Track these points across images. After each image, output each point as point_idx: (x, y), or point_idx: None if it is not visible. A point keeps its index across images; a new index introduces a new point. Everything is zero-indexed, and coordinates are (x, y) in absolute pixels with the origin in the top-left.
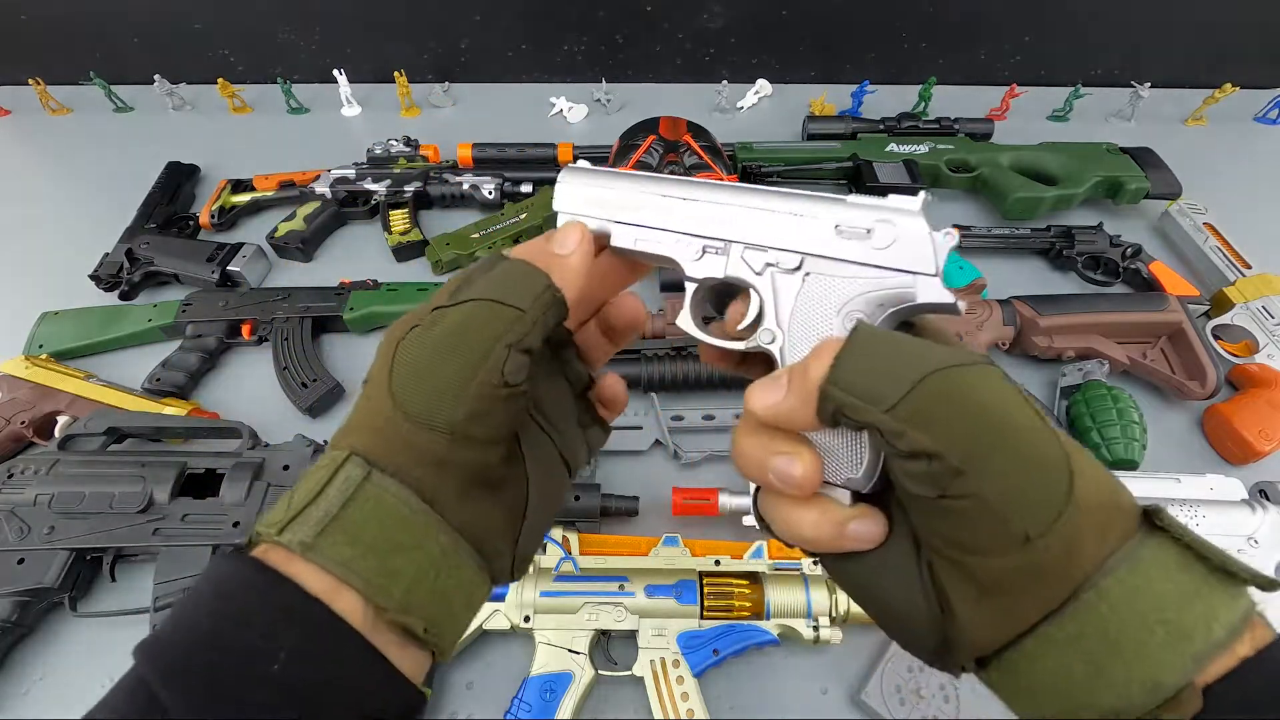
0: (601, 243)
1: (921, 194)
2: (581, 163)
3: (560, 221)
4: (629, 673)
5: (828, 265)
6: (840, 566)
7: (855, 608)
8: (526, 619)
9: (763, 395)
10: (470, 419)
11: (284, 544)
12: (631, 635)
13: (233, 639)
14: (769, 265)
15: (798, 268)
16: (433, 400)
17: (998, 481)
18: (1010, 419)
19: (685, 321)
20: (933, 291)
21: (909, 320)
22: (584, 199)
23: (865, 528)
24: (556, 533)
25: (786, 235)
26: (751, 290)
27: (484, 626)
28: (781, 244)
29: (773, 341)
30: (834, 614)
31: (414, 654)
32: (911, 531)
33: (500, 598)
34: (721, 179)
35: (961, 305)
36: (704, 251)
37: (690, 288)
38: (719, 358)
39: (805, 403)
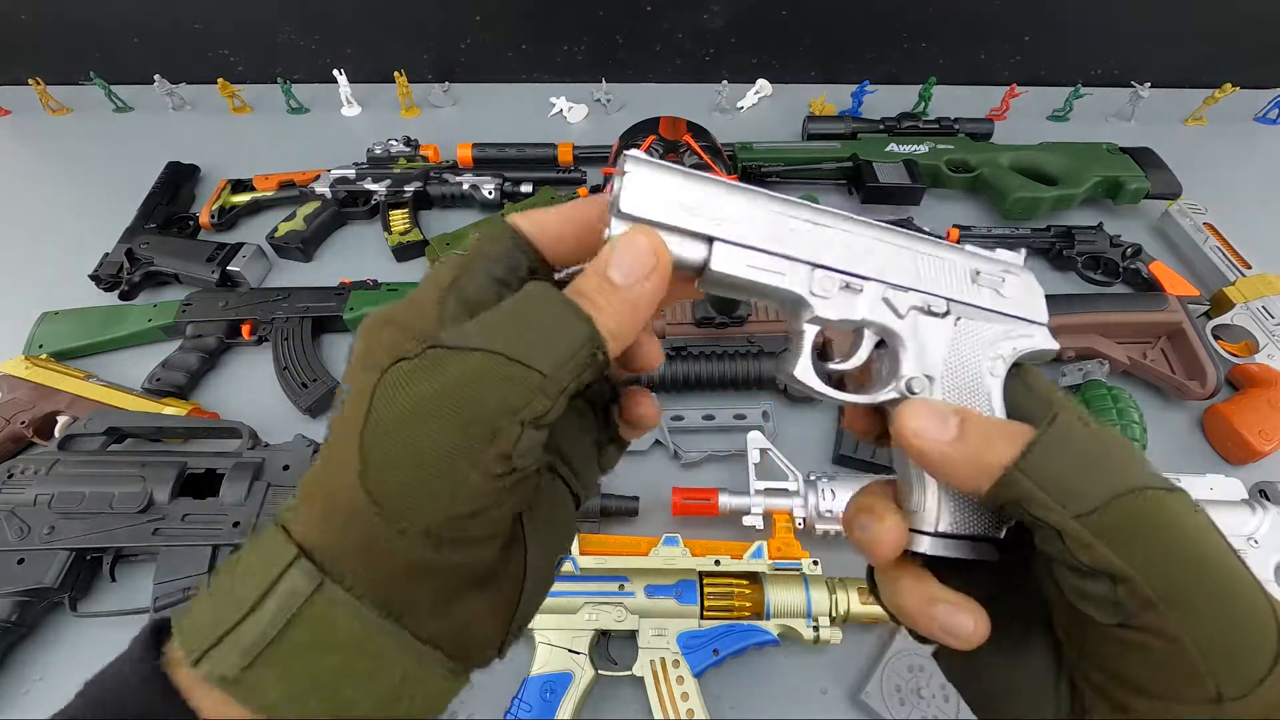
0: (685, 266)
1: (1023, 250)
2: (637, 153)
3: (618, 229)
4: (629, 673)
5: (973, 312)
6: (962, 673)
7: (855, 607)
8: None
9: (927, 425)
10: (456, 518)
11: (203, 675)
12: (631, 635)
13: None
14: (914, 308)
15: (946, 313)
16: (417, 493)
17: (1198, 626)
18: (1218, 558)
19: (808, 375)
20: (1045, 339)
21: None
22: (666, 201)
23: (956, 616)
24: None
25: (932, 278)
26: (866, 333)
27: None
28: (930, 287)
29: (922, 391)
30: (834, 614)
31: None
32: (1052, 652)
33: None
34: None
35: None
36: (839, 288)
37: (811, 331)
38: (863, 417)
39: (974, 468)
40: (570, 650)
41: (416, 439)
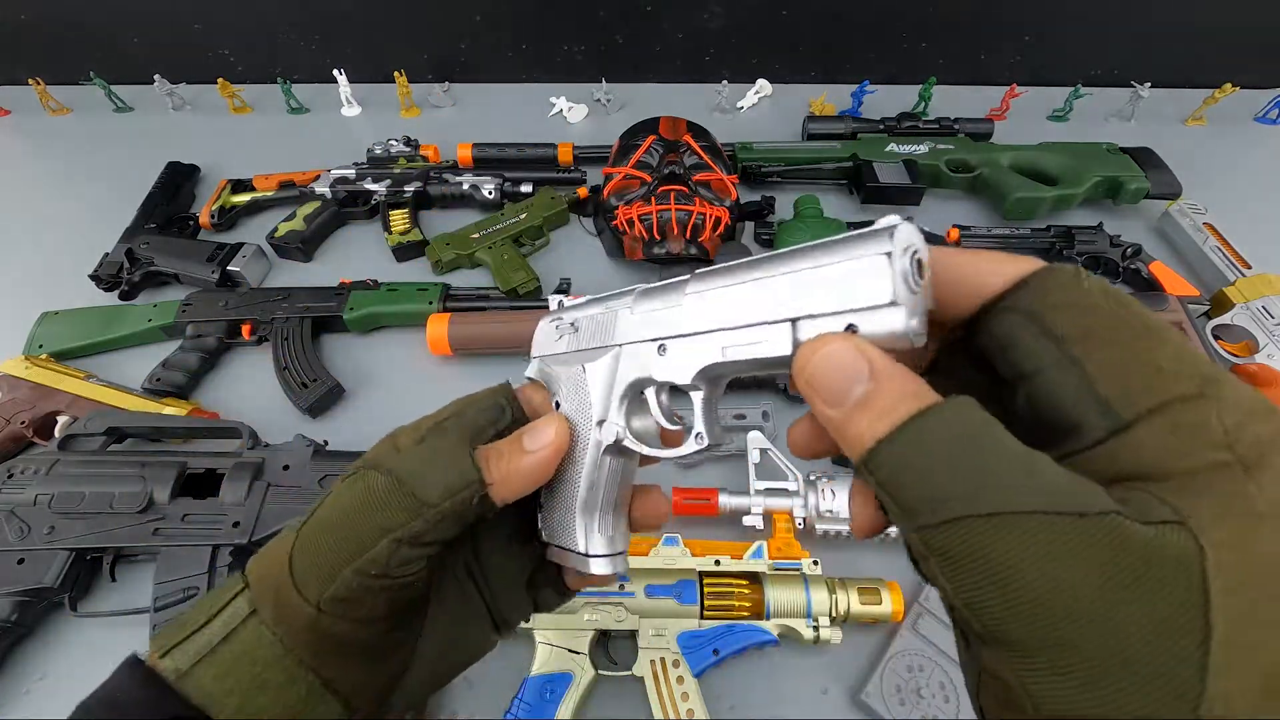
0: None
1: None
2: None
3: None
4: (629, 673)
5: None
6: None
7: (855, 607)
8: (526, 619)
9: (829, 381)
10: (335, 602)
11: (161, 667)
12: (631, 635)
13: None
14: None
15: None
16: (310, 571)
17: (1043, 687)
18: (1107, 624)
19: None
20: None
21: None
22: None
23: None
24: None
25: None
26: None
27: None
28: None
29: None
30: (834, 614)
31: None
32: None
33: None
34: (722, 179)
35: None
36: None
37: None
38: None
39: (849, 442)
40: (570, 650)
41: (319, 536)
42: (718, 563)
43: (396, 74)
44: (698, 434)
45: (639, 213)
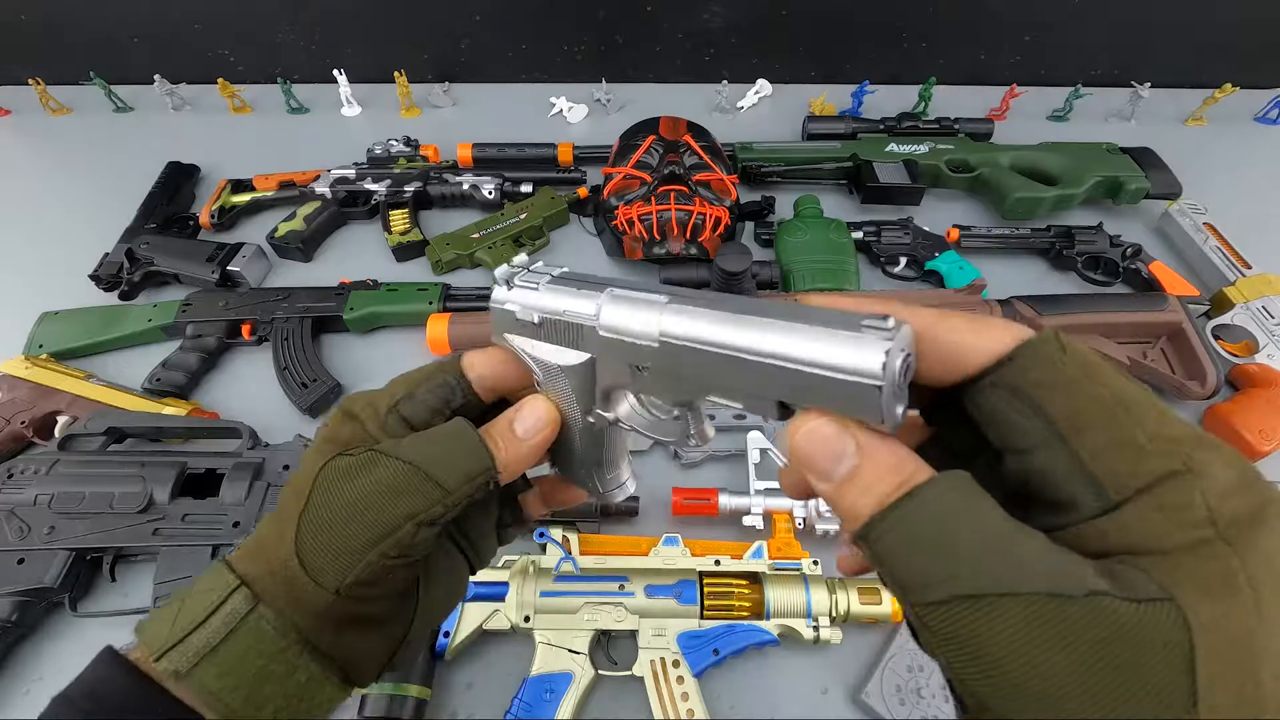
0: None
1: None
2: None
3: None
4: (629, 673)
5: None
6: None
7: (855, 607)
8: (526, 619)
9: (818, 456)
10: (358, 585)
11: (159, 670)
12: (631, 635)
13: None
14: None
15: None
16: (328, 559)
17: None
18: (1097, 706)
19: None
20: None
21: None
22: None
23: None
24: (556, 533)
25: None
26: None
27: (484, 626)
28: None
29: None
30: (834, 614)
31: None
32: None
33: (500, 597)
34: (722, 179)
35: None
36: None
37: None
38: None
39: (848, 518)
40: (570, 650)
41: (338, 525)
42: (718, 563)
43: (396, 74)
44: (691, 435)
45: (639, 213)
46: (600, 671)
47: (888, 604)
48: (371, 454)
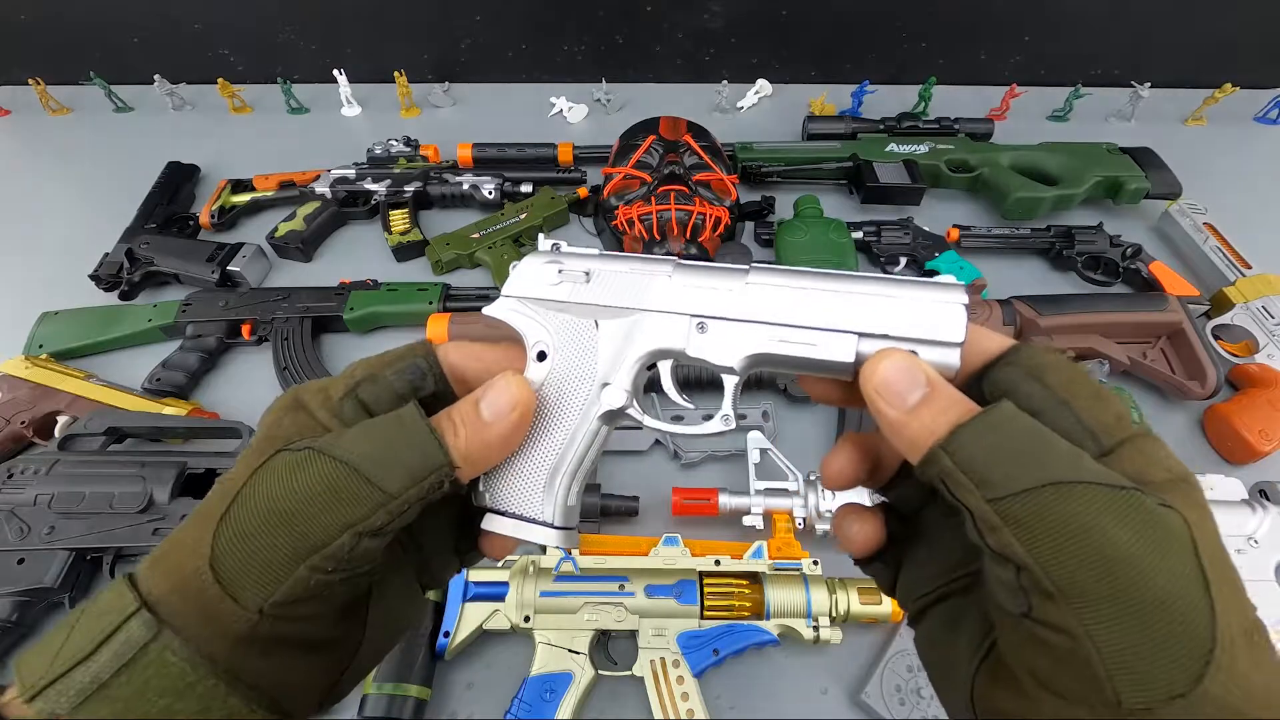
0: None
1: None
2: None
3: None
4: (629, 673)
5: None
6: (920, 644)
7: (855, 607)
8: (526, 619)
9: (894, 383)
10: (285, 604)
11: (35, 712)
12: (631, 635)
13: None
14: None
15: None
16: (249, 572)
17: (1099, 625)
18: (1135, 561)
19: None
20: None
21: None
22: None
23: (846, 525)
24: None
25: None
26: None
27: (484, 626)
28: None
29: None
30: (834, 614)
31: None
32: (980, 633)
33: (500, 597)
34: (722, 179)
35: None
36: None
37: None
38: (819, 383)
39: (913, 441)
40: (570, 650)
41: (261, 536)
42: (718, 563)
43: (396, 74)
44: (725, 415)
45: (639, 213)
46: (600, 671)
47: (887, 604)
48: (309, 451)
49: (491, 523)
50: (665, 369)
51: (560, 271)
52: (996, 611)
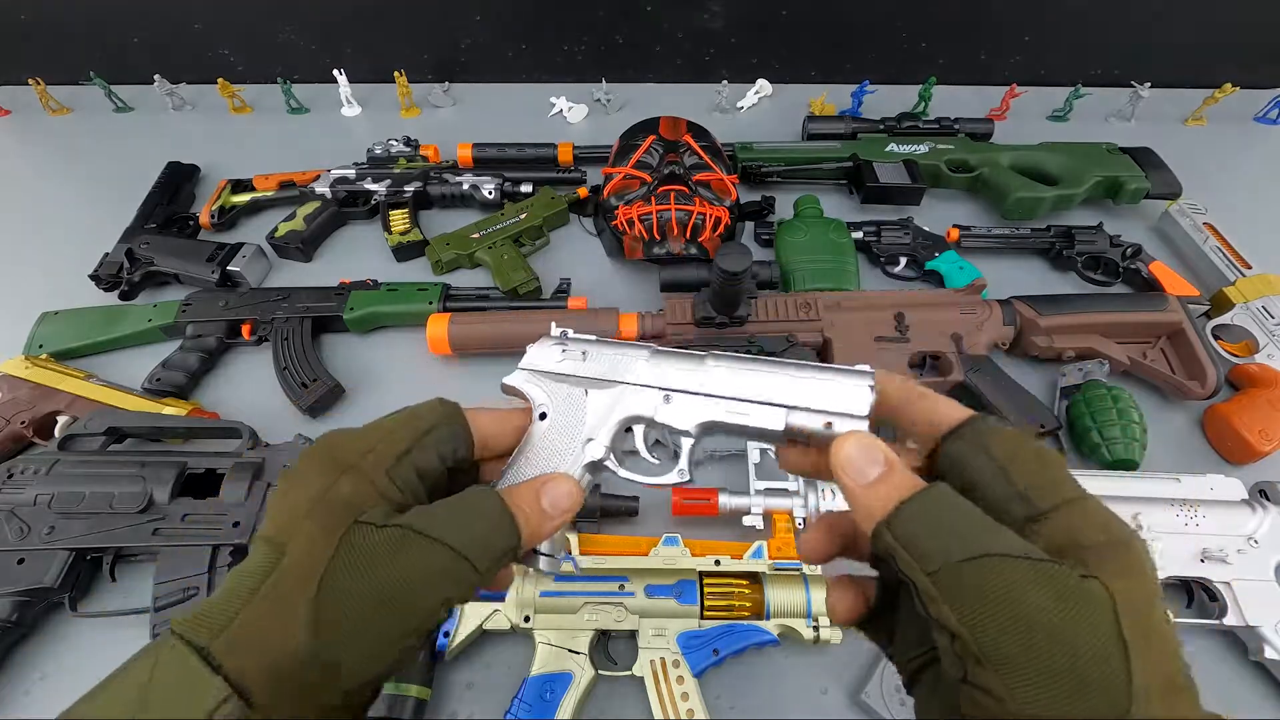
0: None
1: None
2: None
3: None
4: (629, 673)
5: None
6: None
7: None
8: (526, 619)
9: (855, 461)
10: (381, 678)
11: None
12: (632, 635)
13: None
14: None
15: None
16: (352, 651)
17: (1027, 693)
18: (1054, 626)
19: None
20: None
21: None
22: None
23: (834, 601)
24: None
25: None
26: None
27: (484, 627)
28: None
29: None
30: None
31: None
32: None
33: (500, 597)
34: (722, 179)
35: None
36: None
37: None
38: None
39: (866, 515)
40: (570, 650)
41: (366, 615)
42: (718, 563)
43: (396, 74)
44: (681, 470)
45: (639, 213)
46: (600, 672)
47: None
48: (404, 531)
49: None
50: (639, 433)
51: (564, 351)
52: (946, 678)
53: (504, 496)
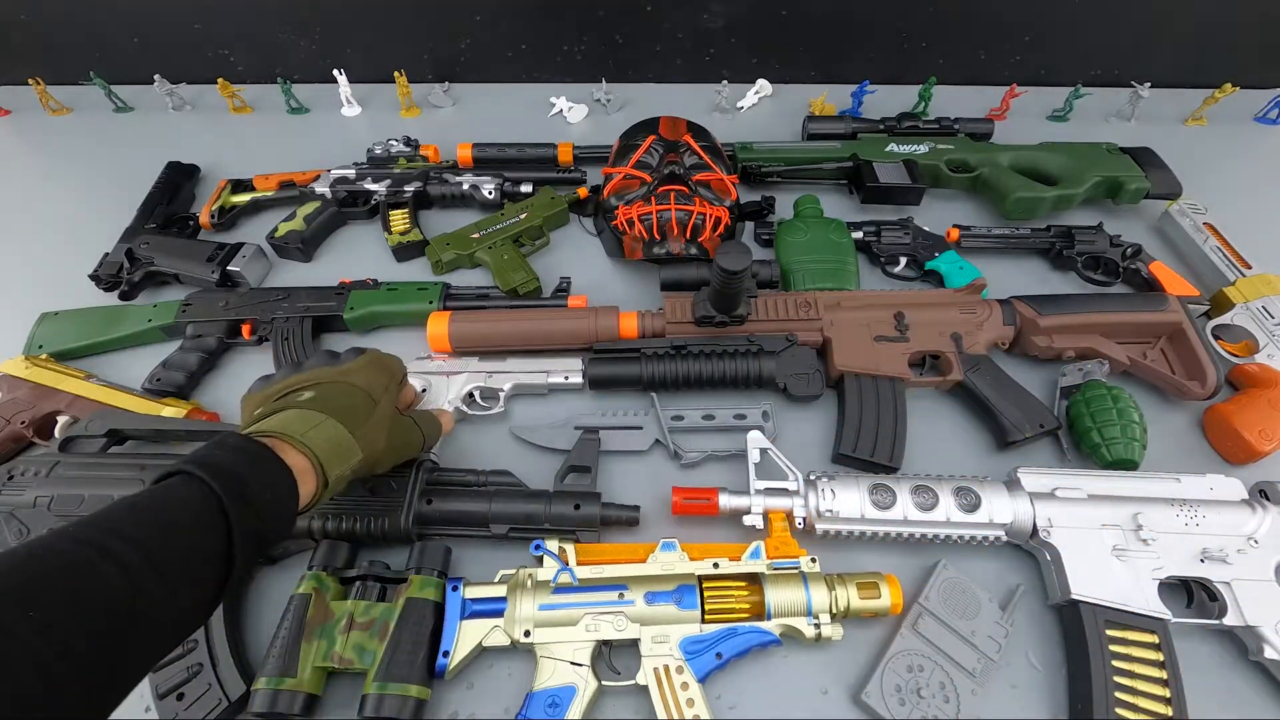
0: None
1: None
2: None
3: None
4: (633, 682)
5: None
6: None
7: (855, 602)
8: (526, 634)
9: None
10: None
11: (290, 438)
12: (633, 644)
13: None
14: None
15: None
16: (386, 463)
17: None
18: None
19: None
20: None
21: None
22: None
23: None
24: (553, 545)
25: None
26: None
27: (483, 644)
28: None
29: None
30: (834, 610)
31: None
32: None
33: (498, 614)
34: (722, 179)
35: None
36: None
37: None
38: None
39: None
40: (572, 663)
41: (396, 450)
42: (716, 566)
43: (396, 74)
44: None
45: (639, 213)
46: (604, 682)
47: (887, 597)
48: (409, 419)
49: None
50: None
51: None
52: None
53: (433, 413)
